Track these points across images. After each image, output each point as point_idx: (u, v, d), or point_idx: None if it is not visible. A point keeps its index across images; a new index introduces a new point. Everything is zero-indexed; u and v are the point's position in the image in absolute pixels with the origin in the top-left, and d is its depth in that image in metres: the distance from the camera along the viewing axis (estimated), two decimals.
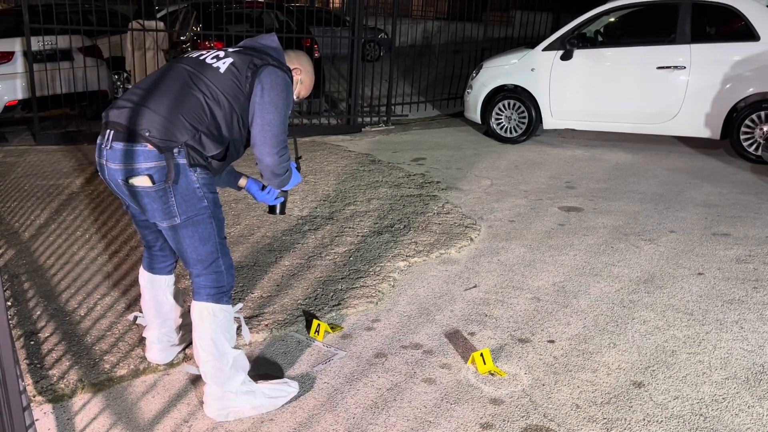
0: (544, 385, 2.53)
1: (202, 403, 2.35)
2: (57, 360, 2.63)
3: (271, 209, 2.68)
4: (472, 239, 4.09)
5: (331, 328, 2.91)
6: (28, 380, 2.47)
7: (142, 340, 2.75)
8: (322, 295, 3.26)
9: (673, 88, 6.28)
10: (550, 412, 2.36)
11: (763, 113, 5.93)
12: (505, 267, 3.68)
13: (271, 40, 2.38)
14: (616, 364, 2.69)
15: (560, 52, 6.75)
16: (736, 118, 6.08)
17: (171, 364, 2.63)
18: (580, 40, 6.75)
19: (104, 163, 2.19)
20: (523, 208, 4.72)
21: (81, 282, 3.36)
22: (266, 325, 2.96)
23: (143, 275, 2.57)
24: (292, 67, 2.38)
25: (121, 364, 2.61)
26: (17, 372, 1.61)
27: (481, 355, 2.62)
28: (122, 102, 2.19)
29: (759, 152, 5.79)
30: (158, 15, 9.63)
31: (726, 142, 6.31)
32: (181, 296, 2.68)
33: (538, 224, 4.40)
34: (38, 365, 2.59)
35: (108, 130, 2.18)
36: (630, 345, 2.84)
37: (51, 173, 5.47)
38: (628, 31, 7.17)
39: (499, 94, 7.12)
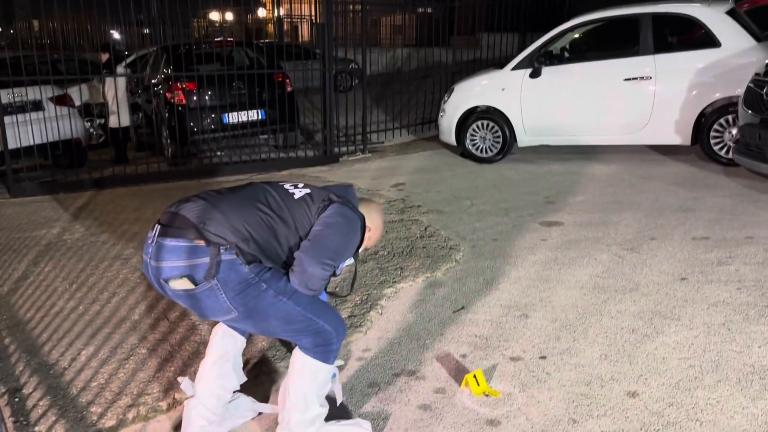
0: (539, 402, 2.52)
1: None
2: (42, 415, 2.56)
3: None
4: (456, 260, 4.09)
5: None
6: None
7: (125, 388, 2.69)
8: None
9: (642, 98, 6.41)
10: (548, 428, 2.35)
11: (730, 117, 6.06)
12: (491, 286, 3.68)
13: (352, 191, 2.39)
14: (609, 375, 2.68)
15: (529, 71, 6.86)
16: (704, 123, 6.20)
17: (161, 410, 2.58)
18: (548, 57, 6.87)
19: (148, 261, 2.09)
20: (505, 226, 4.75)
21: (62, 333, 3.29)
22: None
23: (218, 329, 2.40)
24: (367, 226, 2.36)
25: (107, 415, 2.55)
26: (4, 430, 1.57)
27: (474, 376, 2.61)
28: (194, 197, 2.17)
29: (730, 155, 5.90)
30: (128, 60, 9.64)
31: (697, 148, 6.43)
32: (242, 373, 2.49)
33: (521, 241, 4.42)
34: (24, 422, 2.52)
35: (156, 226, 2.11)
36: (621, 355, 2.84)
37: (27, 225, 5.39)
38: (594, 45, 7.33)
39: (472, 115, 7.20)
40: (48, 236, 5.02)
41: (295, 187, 2.29)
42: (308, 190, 2.27)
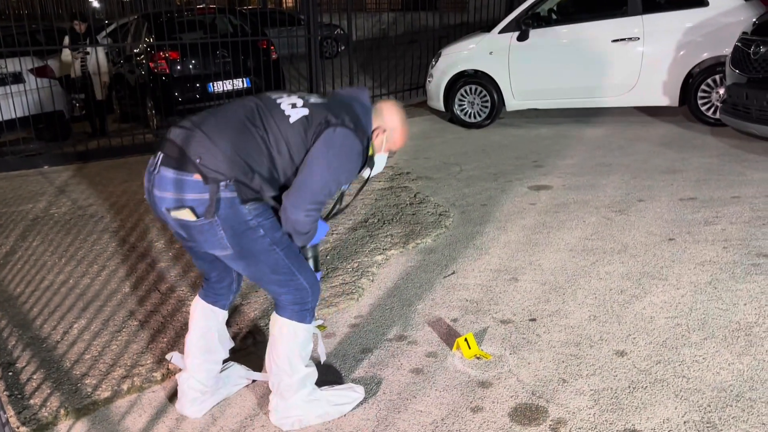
0: (529, 363, 2.56)
1: (267, 412, 2.33)
2: (37, 388, 2.57)
3: None
4: (446, 227, 4.10)
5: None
6: (10, 412, 2.41)
7: (119, 360, 2.70)
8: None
9: (630, 59, 6.37)
10: (538, 389, 2.39)
11: (717, 77, 6.05)
12: (481, 251, 3.70)
13: (362, 95, 2.27)
14: (598, 335, 2.72)
15: (516, 34, 6.80)
16: (692, 84, 6.19)
17: (155, 380, 2.59)
18: (535, 19, 6.80)
19: (151, 189, 2.09)
20: (494, 191, 4.75)
21: (53, 307, 3.29)
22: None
23: (197, 306, 2.39)
24: (374, 127, 2.24)
25: (102, 386, 2.56)
26: None
27: (466, 340, 2.64)
28: (185, 122, 2.12)
29: (717, 115, 5.91)
30: (108, 29, 9.44)
31: (685, 108, 6.43)
32: (229, 341, 2.48)
33: (510, 206, 4.43)
34: (19, 395, 2.53)
35: (159, 153, 2.09)
36: (610, 315, 2.88)
37: (12, 199, 5.34)
38: (581, 6, 7.25)
39: (460, 80, 7.15)
40: (35, 210, 4.97)
41: (293, 106, 2.14)
42: (306, 112, 2.11)
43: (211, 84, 7.96)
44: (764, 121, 4.88)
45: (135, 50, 8.51)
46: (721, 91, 5.96)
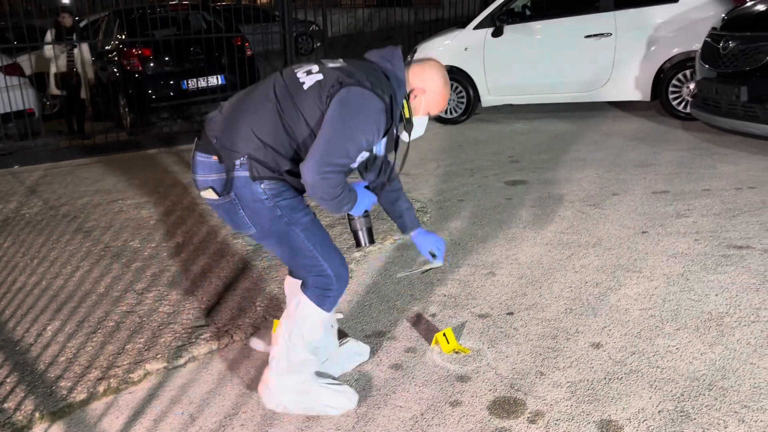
0: (507, 356, 2.58)
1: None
2: (11, 392, 2.52)
3: (356, 240, 2.30)
4: (424, 222, 4.12)
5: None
6: None
7: (94, 361, 2.67)
8: (281, 294, 3.23)
9: (602, 55, 6.46)
10: (516, 382, 2.41)
11: (688, 72, 6.16)
12: (458, 246, 3.72)
13: (392, 55, 2.18)
14: (574, 328, 2.76)
15: (491, 30, 6.84)
16: (663, 78, 6.29)
17: (132, 381, 2.57)
18: (509, 15, 6.85)
19: (192, 173, 2.20)
20: (471, 187, 4.78)
21: (25, 309, 3.23)
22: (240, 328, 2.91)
23: (287, 283, 2.39)
24: (411, 88, 2.17)
25: (77, 389, 2.52)
26: None
27: (444, 334, 2.65)
28: (221, 108, 2.20)
29: (688, 110, 6.01)
30: (80, 25, 9.28)
31: (657, 103, 6.53)
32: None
33: (487, 201, 4.47)
34: None
35: (195, 138, 2.21)
36: (585, 308, 2.91)
37: None
38: (555, 2, 7.32)
39: None
40: (5, 211, 4.88)
41: (308, 73, 2.09)
42: (320, 77, 2.06)
43: (185, 81, 7.88)
44: (733, 115, 4.98)
45: (107, 47, 8.38)
46: (692, 85, 6.07)
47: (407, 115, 2.18)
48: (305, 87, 2.06)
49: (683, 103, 6.25)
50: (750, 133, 5.06)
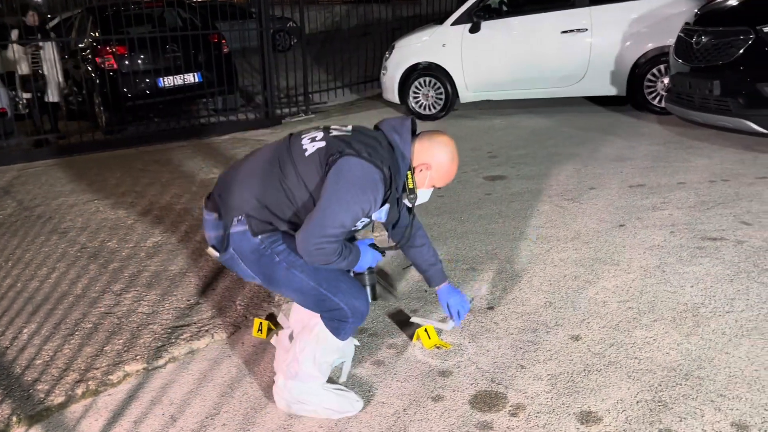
0: (488, 350, 2.60)
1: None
2: None
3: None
4: None
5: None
6: None
7: (72, 364, 2.64)
8: (263, 292, 3.22)
9: (578, 50, 6.51)
10: (497, 376, 2.43)
11: (662, 67, 6.23)
12: (438, 242, 3.73)
13: (401, 126, 2.22)
14: (554, 321, 2.78)
15: (468, 26, 6.86)
16: (638, 73, 6.36)
17: (111, 383, 2.54)
18: (486, 11, 6.88)
19: None
20: (450, 183, 4.79)
21: (0, 311, 3.17)
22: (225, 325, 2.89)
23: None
24: (418, 164, 2.22)
25: (55, 391, 2.49)
26: None
27: (425, 330, 2.66)
28: (228, 169, 2.34)
29: (662, 104, 6.09)
30: (51, 23, 9.11)
31: (632, 97, 6.60)
32: None
33: (466, 196, 4.49)
34: None
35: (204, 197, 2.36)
36: (564, 301, 2.94)
37: None
38: None
39: (414, 72, 7.18)
40: None
41: (312, 140, 2.18)
42: (322, 144, 2.14)
43: (161, 79, 7.79)
44: (706, 109, 5.06)
45: (80, 45, 8.25)
46: (666, 80, 6.15)
47: (410, 186, 2.24)
48: (307, 154, 2.15)
49: (658, 98, 6.33)
50: (723, 126, 5.15)
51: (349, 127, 2.25)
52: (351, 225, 2.09)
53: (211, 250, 2.25)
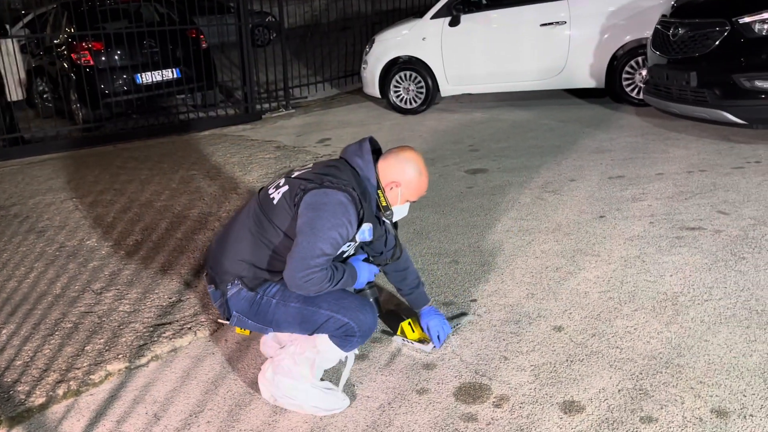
0: (471, 343, 2.61)
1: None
2: None
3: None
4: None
5: None
6: None
7: (53, 364, 2.60)
8: None
9: (558, 43, 6.54)
10: (481, 368, 2.44)
11: (640, 59, 6.29)
12: (421, 235, 3.74)
13: (359, 149, 2.26)
14: (536, 312, 2.81)
15: (448, 19, 6.86)
16: (616, 66, 6.42)
17: (93, 383, 2.51)
18: (466, 4, 6.88)
19: None
20: (432, 176, 4.77)
21: None
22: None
23: None
24: (387, 182, 2.27)
25: (36, 392, 2.46)
26: None
27: (409, 323, 2.67)
28: (213, 240, 2.43)
29: (641, 96, 6.15)
30: (25, 19, 8.96)
31: (610, 90, 6.65)
32: None
33: (448, 189, 4.50)
34: None
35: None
36: (546, 293, 2.97)
37: None
38: None
39: (395, 66, 7.17)
40: None
41: (277, 188, 2.25)
42: (286, 188, 2.21)
43: (138, 75, 7.70)
44: (684, 101, 5.12)
45: (55, 41, 8.12)
46: (644, 72, 6.21)
47: (383, 204, 2.29)
48: (275, 202, 2.23)
49: (636, 90, 6.39)
50: (700, 117, 5.21)
51: (311, 165, 2.33)
52: (333, 251, 2.14)
53: (222, 320, 2.41)
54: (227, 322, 2.32)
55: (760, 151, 4.67)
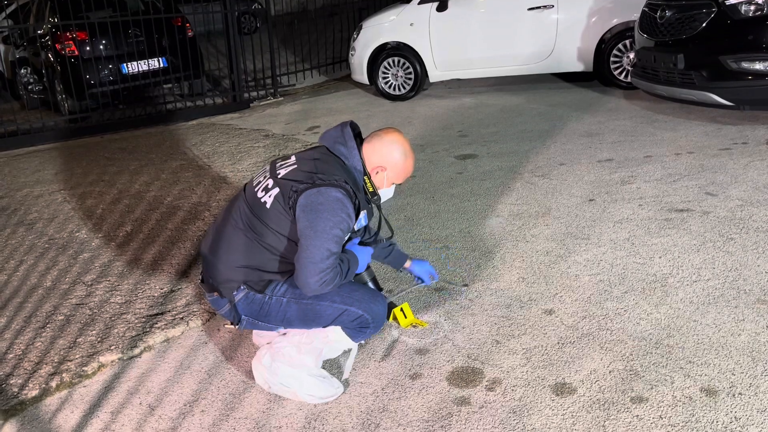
0: (464, 327, 2.63)
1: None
2: None
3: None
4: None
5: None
6: None
7: (45, 357, 2.60)
8: None
9: (545, 27, 6.53)
10: (473, 352, 2.46)
11: (628, 42, 6.29)
12: (412, 222, 3.75)
13: (341, 136, 2.25)
14: (527, 296, 2.83)
15: (436, 4, 6.83)
16: (604, 49, 6.42)
17: (86, 375, 2.51)
18: None
19: None
20: (422, 162, 4.81)
21: None
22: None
23: None
24: (373, 167, 2.26)
25: (29, 385, 2.46)
26: None
27: (402, 309, 2.68)
28: (203, 247, 2.40)
29: (629, 79, 6.16)
30: (7, 9, 8.83)
31: (599, 73, 6.66)
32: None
33: (438, 175, 4.50)
34: None
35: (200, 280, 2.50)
36: (537, 276, 2.99)
37: None
38: None
39: (383, 52, 7.14)
40: None
41: (266, 190, 2.23)
42: (276, 191, 2.19)
43: (124, 65, 7.63)
44: (671, 83, 5.13)
45: (39, 31, 8.01)
46: (632, 55, 6.21)
47: (371, 189, 2.29)
48: (268, 206, 2.21)
49: (624, 73, 6.40)
50: (687, 99, 5.23)
51: (293, 158, 2.29)
52: (339, 247, 2.18)
53: (229, 326, 2.43)
54: (235, 327, 2.35)
55: (746, 133, 4.70)
